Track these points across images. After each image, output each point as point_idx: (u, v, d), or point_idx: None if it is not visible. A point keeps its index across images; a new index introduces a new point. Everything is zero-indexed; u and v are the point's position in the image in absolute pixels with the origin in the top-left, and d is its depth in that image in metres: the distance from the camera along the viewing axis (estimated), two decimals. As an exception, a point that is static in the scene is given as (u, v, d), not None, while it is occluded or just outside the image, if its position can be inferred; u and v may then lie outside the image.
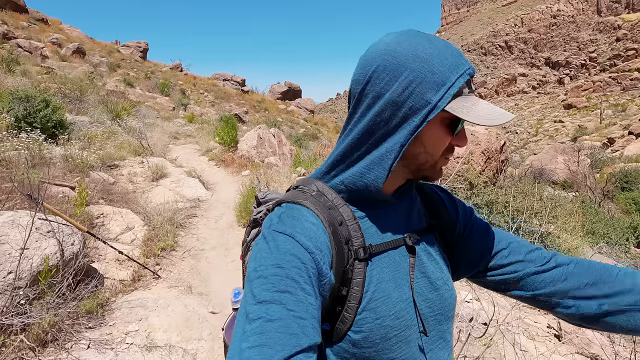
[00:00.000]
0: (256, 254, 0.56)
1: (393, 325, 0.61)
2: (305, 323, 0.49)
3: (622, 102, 44.48)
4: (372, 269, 0.62)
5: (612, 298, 0.65)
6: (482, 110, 0.57)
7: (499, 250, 0.73)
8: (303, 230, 0.57)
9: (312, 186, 0.66)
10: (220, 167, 8.28)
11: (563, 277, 0.69)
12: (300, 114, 29.24)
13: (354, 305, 0.60)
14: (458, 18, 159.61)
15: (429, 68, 0.57)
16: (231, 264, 3.95)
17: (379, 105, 0.59)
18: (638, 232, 7.62)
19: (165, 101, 17.89)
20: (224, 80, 31.99)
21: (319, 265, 0.55)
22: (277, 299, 0.49)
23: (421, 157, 0.63)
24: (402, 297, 0.63)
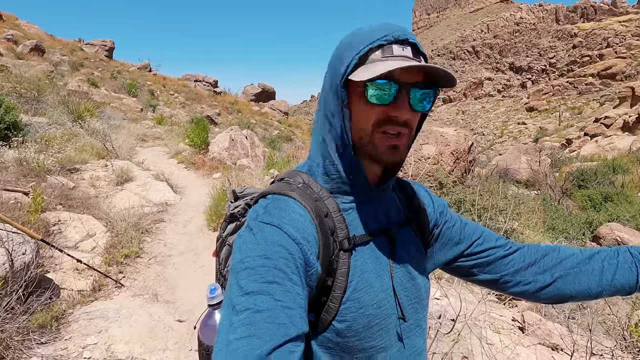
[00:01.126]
0: (241, 245, 0.56)
1: (375, 314, 0.63)
2: (293, 313, 0.49)
3: (579, 105, 47.45)
4: (356, 260, 0.64)
5: (559, 265, 0.72)
6: (371, 69, 0.58)
7: (475, 239, 0.77)
8: (290, 221, 0.57)
9: (298, 178, 0.67)
10: (190, 170, 8.05)
11: (522, 257, 0.75)
12: (274, 115, 29.03)
13: (339, 295, 0.61)
14: (428, 23, 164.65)
15: (348, 47, 0.61)
16: (200, 269, 3.83)
17: (323, 95, 0.66)
18: (593, 227, 8.12)
19: (133, 102, 17.21)
20: (195, 81, 31.24)
21: (306, 255, 0.55)
22: (264, 289, 0.49)
23: (357, 135, 0.63)
24: (383, 286, 0.65)
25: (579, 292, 0.71)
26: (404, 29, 0.60)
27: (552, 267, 0.73)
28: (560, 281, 0.72)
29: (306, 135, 22.76)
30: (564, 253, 0.74)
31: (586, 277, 0.71)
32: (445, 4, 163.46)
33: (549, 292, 0.73)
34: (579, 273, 0.71)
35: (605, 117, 22.77)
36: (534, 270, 0.74)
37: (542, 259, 0.74)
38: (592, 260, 0.72)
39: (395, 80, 0.58)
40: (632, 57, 51.21)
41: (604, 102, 41.63)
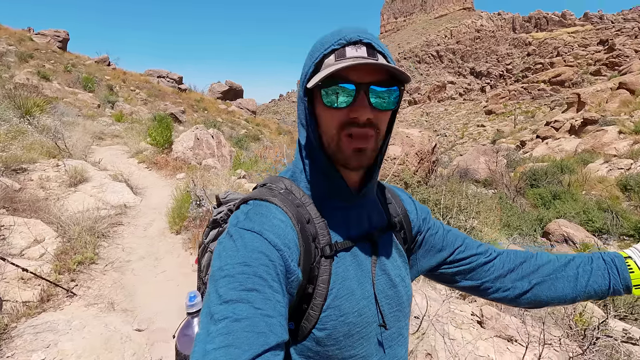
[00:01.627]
0: (221, 252, 0.54)
1: (356, 322, 0.62)
2: (273, 321, 0.48)
3: (532, 110, 50.73)
4: (338, 266, 0.63)
5: (536, 272, 0.74)
6: (321, 74, 0.58)
7: (457, 246, 0.78)
8: (271, 227, 0.56)
9: (280, 184, 0.67)
10: (151, 170, 7.69)
11: (501, 264, 0.77)
12: (241, 114, 28.48)
13: (320, 302, 0.60)
14: (396, 27, 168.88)
15: (308, 56, 0.63)
16: (161, 274, 3.66)
17: (298, 104, 0.67)
18: (543, 223, 8.70)
19: (89, 98, 16.19)
20: (158, 77, 29.96)
21: (287, 262, 0.54)
22: (244, 297, 0.48)
23: (324, 140, 0.63)
24: (364, 294, 0.64)
25: (555, 298, 0.73)
26: (359, 30, 0.60)
27: (530, 273, 0.75)
28: (537, 287, 0.74)
29: (274, 135, 22.53)
30: (541, 259, 0.76)
31: (562, 283, 0.73)
32: (412, 9, 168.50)
33: (527, 298, 0.74)
34: (555, 279, 0.73)
35: (555, 120, 24.51)
36: (512, 277, 0.75)
37: (520, 266, 0.76)
38: (567, 267, 0.74)
39: (351, 81, 0.57)
40: (578, 66, 55.57)
41: (554, 107, 44.83)
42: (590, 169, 14.63)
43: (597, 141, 16.73)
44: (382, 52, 0.61)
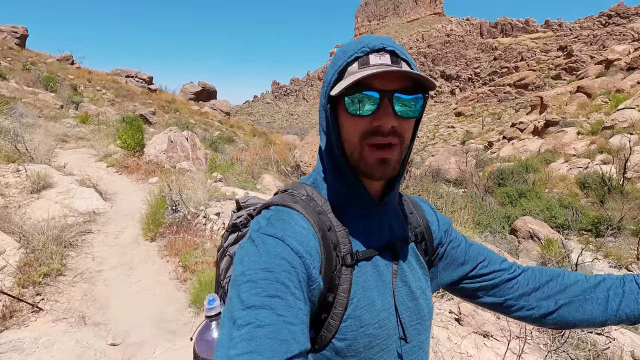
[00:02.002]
0: (243, 257, 0.54)
1: (376, 333, 0.61)
2: (296, 329, 0.47)
3: (498, 112, 53.05)
4: (358, 276, 0.62)
5: (563, 292, 0.71)
6: (351, 78, 0.57)
7: (480, 261, 0.75)
8: (293, 234, 0.56)
9: (302, 190, 0.66)
10: (122, 175, 7.37)
11: (526, 281, 0.74)
12: (215, 115, 27.91)
13: (340, 312, 0.59)
14: (369, 30, 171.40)
15: (331, 65, 0.63)
16: (136, 284, 3.51)
17: (319, 112, 0.66)
18: (510, 220, 9.09)
19: (51, 98, 15.30)
20: (127, 77, 28.81)
21: (309, 270, 0.54)
22: (266, 303, 0.48)
23: (347, 148, 0.63)
24: (385, 305, 0.63)
25: (583, 321, 0.69)
26: (382, 38, 0.60)
27: (557, 293, 0.72)
28: (564, 308, 0.70)
29: (249, 136, 22.22)
30: (568, 279, 0.73)
31: (591, 306, 0.69)
32: (385, 13, 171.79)
33: (553, 318, 0.71)
34: (584, 301, 0.69)
35: (520, 122, 25.76)
36: (538, 296, 0.72)
37: (546, 285, 0.73)
38: (597, 289, 0.70)
39: (375, 89, 0.57)
40: (541, 70, 58.79)
41: (518, 109, 47.11)
42: (552, 168, 15.48)
43: (558, 142, 17.72)
44: (406, 60, 0.60)
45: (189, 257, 3.62)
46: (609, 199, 10.97)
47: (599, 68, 27.11)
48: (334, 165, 0.65)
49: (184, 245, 3.84)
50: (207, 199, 5.46)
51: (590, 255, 7.04)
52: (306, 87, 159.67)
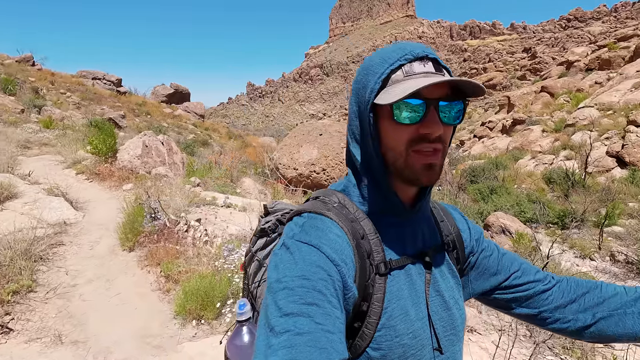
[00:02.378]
0: (278, 264, 0.54)
1: (410, 344, 0.60)
2: (334, 337, 0.47)
3: (469, 111, 54.94)
4: (392, 285, 0.61)
5: (601, 305, 0.69)
6: (400, 89, 0.57)
7: (514, 271, 0.74)
8: (328, 241, 0.55)
9: (334, 197, 0.66)
10: (93, 182, 7.03)
11: (561, 293, 0.73)
12: (188, 118, 27.22)
13: (374, 321, 0.59)
14: (344, 31, 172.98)
15: (365, 71, 0.62)
16: (116, 297, 3.35)
17: (350, 119, 0.65)
18: (483, 216, 9.43)
19: (10, 102, 14.39)
20: (94, 79, 27.60)
21: (344, 278, 0.54)
22: (304, 311, 0.47)
23: (390, 157, 0.62)
24: (419, 315, 0.63)
25: (624, 335, 0.67)
26: (423, 46, 0.60)
27: (594, 306, 0.70)
28: (603, 322, 0.68)
29: (224, 139, 21.83)
30: (606, 291, 0.71)
31: (632, 320, 0.67)
32: (359, 15, 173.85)
33: (591, 332, 0.69)
34: (624, 315, 0.67)
35: (489, 121, 26.80)
36: (574, 308, 0.71)
37: (582, 297, 0.71)
38: (638, 302, 0.68)
39: (422, 97, 0.57)
40: (507, 71, 61.44)
41: (487, 109, 49.02)
42: (520, 164, 16.20)
43: (525, 139, 18.57)
44: (446, 67, 0.61)
45: (172, 267, 3.50)
46: (572, 192, 11.60)
47: (560, 69, 28.66)
48: (372, 174, 0.64)
49: (165, 254, 3.71)
50: (186, 205, 5.30)
51: (558, 247, 7.42)
52: (282, 88, 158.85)
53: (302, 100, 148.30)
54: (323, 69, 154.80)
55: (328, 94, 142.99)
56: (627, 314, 0.67)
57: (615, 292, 0.71)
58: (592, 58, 25.88)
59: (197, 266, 3.53)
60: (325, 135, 8.87)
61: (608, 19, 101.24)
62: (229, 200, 6.18)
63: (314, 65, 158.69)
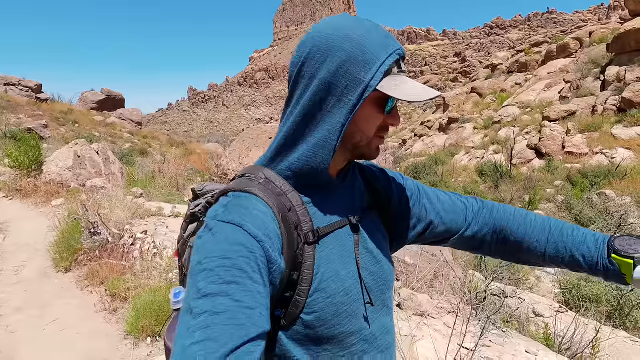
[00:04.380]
0: (200, 246, 0.54)
1: (343, 301, 0.63)
2: (253, 312, 0.48)
3: (409, 112, 58.34)
4: (321, 251, 0.63)
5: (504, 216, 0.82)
6: (410, 89, 0.61)
7: (430, 221, 0.80)
8: (252, 219, 0.56)
9: (260, 174, 0.65)
10: (14, 199, 6.24)
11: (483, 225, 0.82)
12: (124, 126, 25.28)
13: (305, 288, 0.60)
14: (288, 35, 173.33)
15: (360, 48, 0.59)
16: (52, 325, 2.99)
17: (314, 86, 0.60)
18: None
19: None
20: (6, 85, 24.45)
21: (267, 253, 0.54)
22: (223, 290, 0.48)
23: (356, 137, 0.64)
24: (349, 274, 0.65)
25: (521, 242, 0.79)
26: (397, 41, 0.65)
27: (496, 214, 0.82)
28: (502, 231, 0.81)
29: (165, 147, 20.63)
30: (509, 208, 0.85)
31: (535, 232, 0.79)
32: (303, 19, 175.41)
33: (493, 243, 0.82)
34: (526, 225, 0.80)
35: (428, 120, 28.67)
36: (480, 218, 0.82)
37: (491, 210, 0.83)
38: (538, 220, 0.81)
39: None
40: (442, 74, 66.25)
41: (426, 109, 52.36)
42: (456, 160, 17.56)
43: (459, 136, 20.13)
44: None
45: (118, 284, 3.23)
46: (501, 183, 12.85)
47: (487, 72, 31.56)
48: (319, 149, 0.63)
49: (110, 272, 3.42)
50: (129, 218, 4.94)
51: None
52: (226, 92, 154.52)
53: (247, 105, 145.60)
54: (269, 72, 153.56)
55: (275, 97, 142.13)
56: (529, 225, 0.79)
57: (516, 209, 0.83)
58: (512, 62, 28.89)
59: (147, 280, 3.31)
60: (275, 139, 8.85)
61: (524, 27, 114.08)
62: (177, 210, 5.89)
63: (259, 69, 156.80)
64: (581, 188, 11.22)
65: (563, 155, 14.09)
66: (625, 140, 13.25)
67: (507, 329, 3.55)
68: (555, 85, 19.85)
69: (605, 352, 3.29)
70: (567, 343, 3.35)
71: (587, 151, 13.71)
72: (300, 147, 0.64)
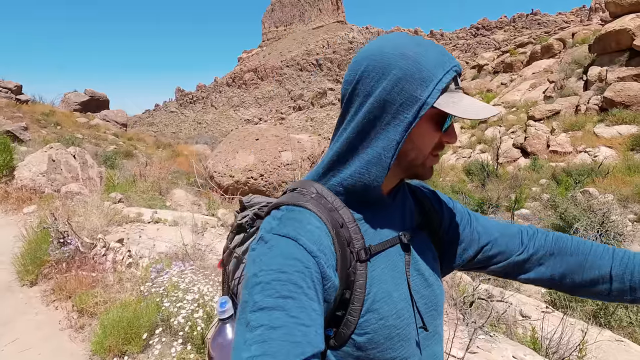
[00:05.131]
0: (255, 258, 0.54)
1: (395, 324, 0.62)
2: (309, 330, 0.48)
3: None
4: (373, 270, 0.62)
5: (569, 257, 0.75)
6: (468, 105, 0.59)
7: (483, 244, 0.76)
8: (306, 233, 0.56)
9: (311, 188, 0.65)
10: (-17, 207, 5.94)
11: (537, 253, 0.76)
12: (108, 128, 24.74)
13: (357, 307, 0.60)
14: (277, 35, 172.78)
15: (416, 65, 0.58)
16: (12, 345, 2.77)
17: (370, 103, 0.60)
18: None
19: None
20: (-17, 86, 23.66)
21: (322, 269, 0.54)
22: (279, 305, 0.48)
23: (411, 154, 0.63)
24: (401, 295, 0.65)
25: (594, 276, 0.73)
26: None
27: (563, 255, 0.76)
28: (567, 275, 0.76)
29: (151, 149, 20.25)
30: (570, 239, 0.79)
31: (598, 261, 0.74)
32: (291, 19, 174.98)
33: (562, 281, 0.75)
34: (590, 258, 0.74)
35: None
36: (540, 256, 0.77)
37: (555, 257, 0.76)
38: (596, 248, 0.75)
39: None
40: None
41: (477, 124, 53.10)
42: (444, 159, 17.68)
43: (448, 136, 20.32)
44: None
45: (87, 298, 3.04)
46: (488, 182, 12.97)
47: (473, 72, 31.99)
48: (373, 165, 0.62)
49: (78, 285, 3.22)
50: (105, 225, 4.73)
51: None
52: (214, 93, 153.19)
53: (236, 106, 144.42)
54: (257, 73, 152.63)
55: (263, 98, 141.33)
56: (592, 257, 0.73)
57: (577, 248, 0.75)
58: (498, 62, 29.32)
59: (118, 294, 3.12)
60: (262, 140, 8.68)
61: (509, 28, 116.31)
62: (157, 215, 5.68)
63: (248, 69, 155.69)
64: (566, 186, 11.38)
65: (548, 153, 14.30)
66: (607, 138, 13.51)
67: (494, 333, 3.48)
68: (539, 85, 20.16)
69: (592, 354, 3.26)
70: (554, 346, 3.31)
71: (571, 150, 13.93)
72: (353, 164, 0.63)
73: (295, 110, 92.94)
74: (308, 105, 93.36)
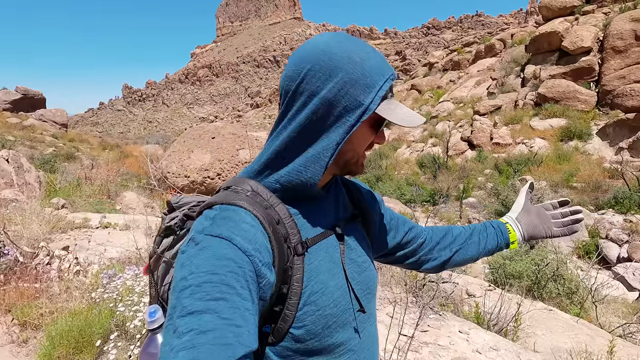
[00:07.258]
0: (185, 262, 0.52)
1: (332, 312, 0.64)
2: (241, 331, 0.47)
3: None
4: (310, 263, 0.64)
5: (454, 242, 0.91)
6: (403, 113, 0.64)
7: (405, 231, 0.87)
8: (241, 232, 0.55)
9: (246, 186, 0.64)
10: None
11: (430, 239, 0.91)
12: (46, 129, 22.67)
13: (295, 301, 0.60)
14: (232, 31, 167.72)
15: (361, 71, 0.61)
16: (-56, 366, 2.56)
17: (314, 104, 0.61)
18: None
19: None
20: None
21: (257, 267, 0.53)
22: (211, 307, 0.47)
23: (348, 154, 0.67)
24: (337, 284, 0.66)
25: (467, 259, 0.92)
26: None
27: (450, 243, 0.91)
28: (456, 254, 0.91)
29: (96, 151, 18.91)
30: (456, 231, 0.93)
31: (471, 248, 0.92)
32: (247, 14, 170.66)
33: (451, 262, 0.91)
34: (467, 245, 0.91)
35: (373, 117, 29.66)
36: (438, 248, 0.90)
37: (443, 238, 0.91)
38: (472, 235, 0.92)
39: None
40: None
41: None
42: (398, 153, 18.42)
43: (401, 131, 21.08)
44: None
45: (29, 310, 2.85)
46: (439, 174, 13.76)
47: (425, 69, 33.42)
48: (312, 164, 0.64)
49: (18, 297, 3.00)
50: (47, 233, 4.42)
51: (431, 221, 8.71)
52: (166, 90, 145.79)
53: (190, 103, 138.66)
54: (212, 69, 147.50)
55: (219, 95, 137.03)
56: (468, 244, 0.92)
57: (459, 231, 0.94)
58: (447, 60, 30.89)
59: (66, 303, 2.96)
60: (219, 139, 8.50)
61: (456, 28, 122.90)
62: (106, 220, 5.41)
63: (202, 65, 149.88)
64: (506, 175, 12.39)
65: (491, 145, 15.44)
66: (541, 131, 14.91)
67: (443, 312, 3.76)
68: (484, 82, 21.61)
69: (526, 323, 3.65)
70: (495, 319, 3.66)
71: (510, 142, 15.18)
72: (291, 162, 0.64)
73: (252, 108, 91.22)
74: (266, 102, 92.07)
